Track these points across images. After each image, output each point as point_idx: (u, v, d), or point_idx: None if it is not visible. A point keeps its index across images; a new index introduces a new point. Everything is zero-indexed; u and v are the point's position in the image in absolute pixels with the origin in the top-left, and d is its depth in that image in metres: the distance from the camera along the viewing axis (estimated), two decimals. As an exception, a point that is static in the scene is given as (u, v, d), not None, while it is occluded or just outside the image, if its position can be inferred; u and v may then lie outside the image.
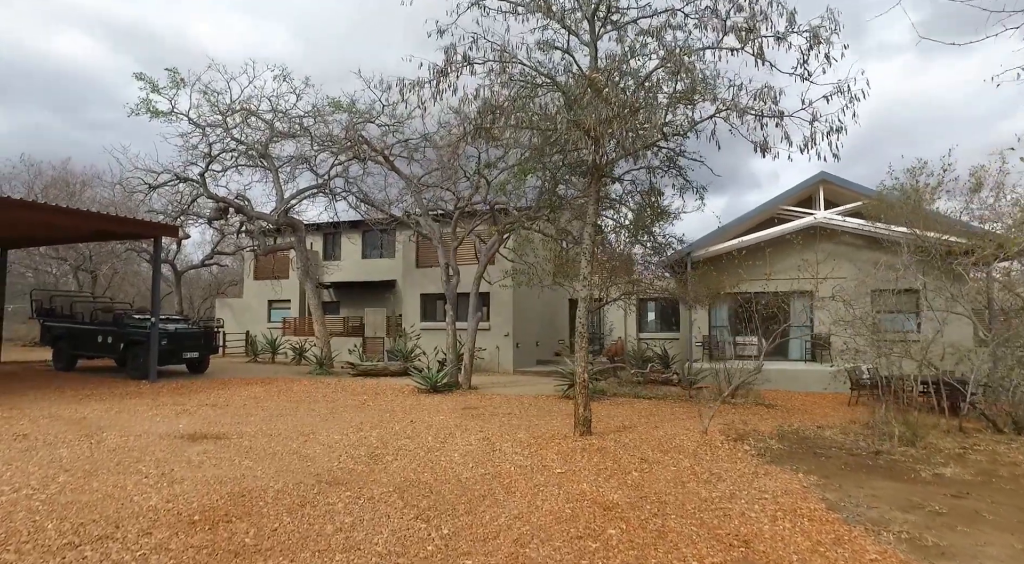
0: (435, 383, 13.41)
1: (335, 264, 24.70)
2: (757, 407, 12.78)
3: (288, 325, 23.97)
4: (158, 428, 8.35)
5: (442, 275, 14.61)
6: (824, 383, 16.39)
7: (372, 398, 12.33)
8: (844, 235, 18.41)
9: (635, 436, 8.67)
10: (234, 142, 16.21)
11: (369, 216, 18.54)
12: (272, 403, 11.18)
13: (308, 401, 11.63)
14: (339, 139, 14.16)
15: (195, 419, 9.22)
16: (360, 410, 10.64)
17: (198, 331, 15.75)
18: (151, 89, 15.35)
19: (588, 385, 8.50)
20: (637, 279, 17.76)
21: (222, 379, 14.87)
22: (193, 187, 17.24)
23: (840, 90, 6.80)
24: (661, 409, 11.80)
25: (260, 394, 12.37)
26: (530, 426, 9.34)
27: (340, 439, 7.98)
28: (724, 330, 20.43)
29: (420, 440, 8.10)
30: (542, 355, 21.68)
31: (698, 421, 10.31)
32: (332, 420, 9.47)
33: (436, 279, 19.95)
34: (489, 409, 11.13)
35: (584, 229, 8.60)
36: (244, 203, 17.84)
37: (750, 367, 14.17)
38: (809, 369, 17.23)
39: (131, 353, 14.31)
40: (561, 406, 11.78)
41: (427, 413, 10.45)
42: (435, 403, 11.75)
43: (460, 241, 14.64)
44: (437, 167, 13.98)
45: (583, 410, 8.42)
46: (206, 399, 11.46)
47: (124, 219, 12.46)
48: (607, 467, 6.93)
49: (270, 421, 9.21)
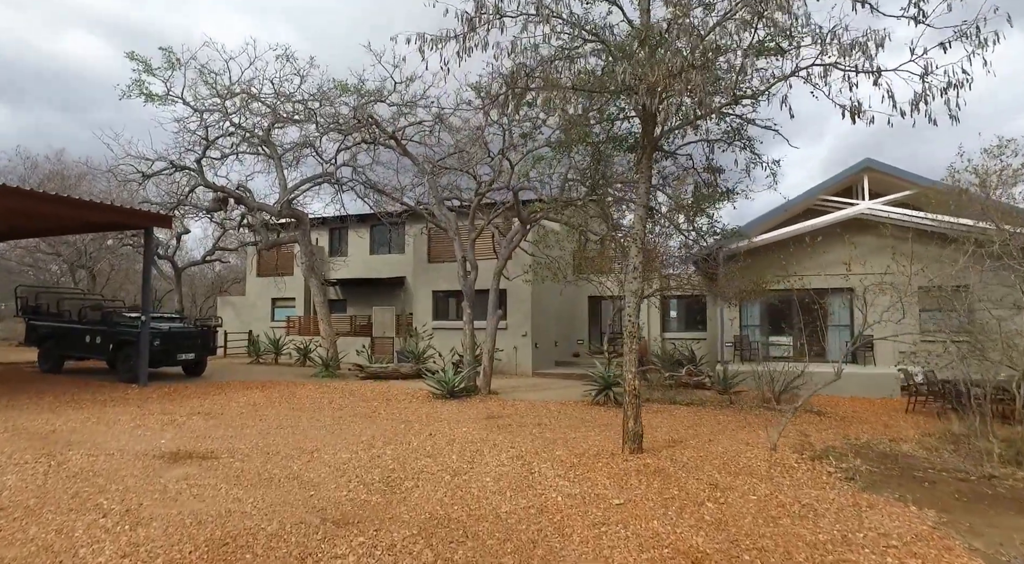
0: (452, 387, 12.19)
1: (341, 260, 23.53)
2: (807, 415, 11.48)
3: (292, 324, 22.82)
4: (136, 444, 7.15)
5: (458, 270, 13.38)
6: (869, 388, 15.03)
7: (383, 405, 11.12)
8: (887, 227, 17.07)
9: (692, 453, 7.42)
10: (233, 126, 15.01)
11: (378, 207, 17.32)
12: (272, 412, 9.98)
13: (312, 409, 10.43)
14: (347, 118, 12.92)
15: (182, 432, 8.02)
16: (371, 420, 9.42)
17: (194, 331, 14.58)
18: (144, 69, 14.19)
19: (639, 394, 7.25)
20: (672, 274, 16.50)
21: (219, 383, 13.69)
22: (190, 176, 16.08)
23: (964, 34, 5.51)
24: (704, 418, 10.54)
25: (259, 400, 11.18)
26: (567, 440, 8.10)
27: (349, 459, 6.76)
28: (756, 330, 19.13)
29: (443, 460, 6.88)
30: (560, 356, 20.43)
31: (751, 432, 9.08)
32: (339, 433, 8.26)
33: (449, 275, 18.72)
34: (515, 418, 9.89)
35: (634, 212, 7.34)
36: (245, 194, 16.67)
37: (795, 370, 12.95)
38: (851, 372, 15.85)
39: (121, 354, 13.16)
40: (594, 414, 10.54)
41: (447, 424, 9.22)
42: (454, 411, 10.53)
43: (479, 232, 13.39)
44: (454, 150, 12.71)
45: (633, 423, 7.17)
46: (199, 406, 10.27)
47: (110, 207, 11.30)
48: (674, 497, 5.68)
49: (268, 435, 8.00)
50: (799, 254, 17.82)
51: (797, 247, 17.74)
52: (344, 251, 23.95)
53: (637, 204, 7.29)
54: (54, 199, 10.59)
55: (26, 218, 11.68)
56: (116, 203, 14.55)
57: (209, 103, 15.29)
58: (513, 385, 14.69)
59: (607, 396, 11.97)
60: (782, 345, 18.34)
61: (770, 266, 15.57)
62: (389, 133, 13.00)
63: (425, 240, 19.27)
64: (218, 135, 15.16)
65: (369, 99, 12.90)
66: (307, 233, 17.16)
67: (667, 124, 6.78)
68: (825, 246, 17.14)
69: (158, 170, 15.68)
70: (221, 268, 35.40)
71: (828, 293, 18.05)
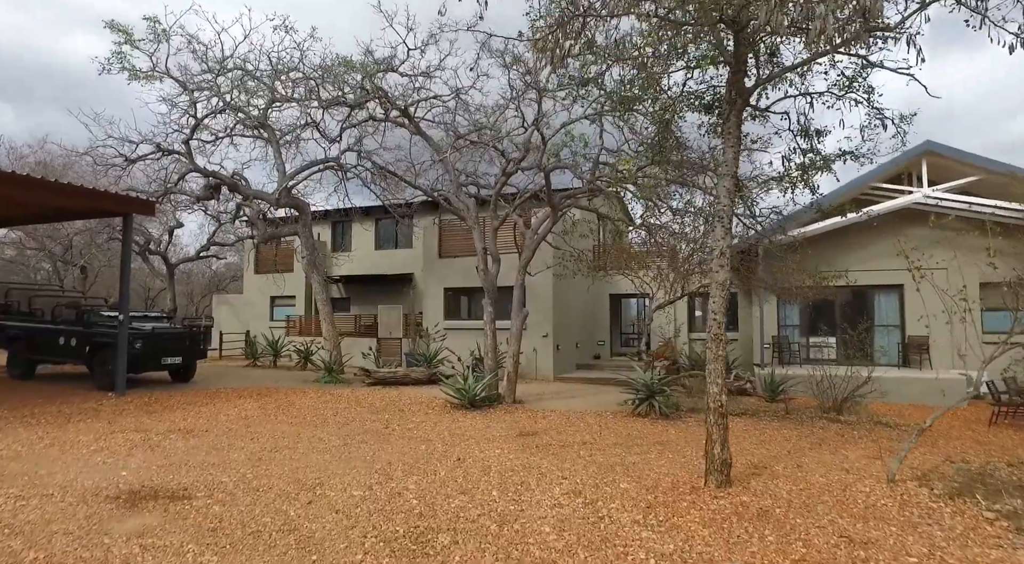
0: (473, 396, 10.68)
1: (345, 256, 22.02)
2: (876, 428, 9.94)
3: (292, 324, 21.32)
4: (89, 477, 5.63)
5: (479, 263, 11.87)
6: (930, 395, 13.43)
7: (396, 417, 9.61)
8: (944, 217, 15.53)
9: (790, 485, 5.91)
10: (224, 105, 13.45)
11: (386, 197, 15.82)
12: (266, 428, 8.47)
13: (314, 423, 8.92)
14: (354, 87, 11.33)
15: (154, 457, 6.50)
16: (384, 439, 7.90)
17: (182, 331, 13.07)
18: (125, 40, 12.69)
19: (726, 413, 5.73)
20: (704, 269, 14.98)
21: (209, 390, 12.17)
22: (179, 162, 14.58)
23: None
24: (768, 433, 9.02)
25: (253, 413, 9.67)
26: (627, 467, 6.59)
27: (362, 498, 5.25)
28: (795, 330, 17.60)
29: (482, 497, 5.37)
30: (581, 358, 18.89)
31: (836, 452, 7.56)
32: (347, 458, 6.74)
33: (462, 271, 17.22)
34: (553, 435, 8.38)
35: (718, 184, 5.83)
36: (239, 181, 15.16)
37: (861, 375, 11.45)
38: (905, 377, 14.29)
39: (98, 358, 11.66)
40: (642, 429, 9.05)
41: (475, 443, 7.70)
42: (479, 426, 9.01)
43: (502, 221, 11.87)
44: (476, 126, 11.13)
45: (720, 449, 5.65)
46: (181, 421, 8.75)
47: (83, 190, 9.79)
48: (802, 558, 4.17)
49: (260, 461, 6.48)
50: (842, 248, 16.28)
51: (840, 241, 16.19)
52: (348, 246, 22.45)
53: (722, 174, 5.78)
54: (18, 180, 9.10)
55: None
56: (97, 190, 13.01)
57: (199, 80, 13.78)
58: (536, 392, 13.16)
59: (650, 406, 10.47)
60: (824, 346, 16.84)
61: (810, 262, 14.04)
62: (401, 108, 11.47)
63: (436, 233, 17.75)
64: (208, 112, 13.63)
65: (378, 68, 11.36)
66: (308, 225, 15.66)
67: (769, 65, 5.26)
68: (871, 239, 15.65)
69: (143, 154, 14.15)
70: (219, 265, 33.93)
71: (875, 290, 16.57)
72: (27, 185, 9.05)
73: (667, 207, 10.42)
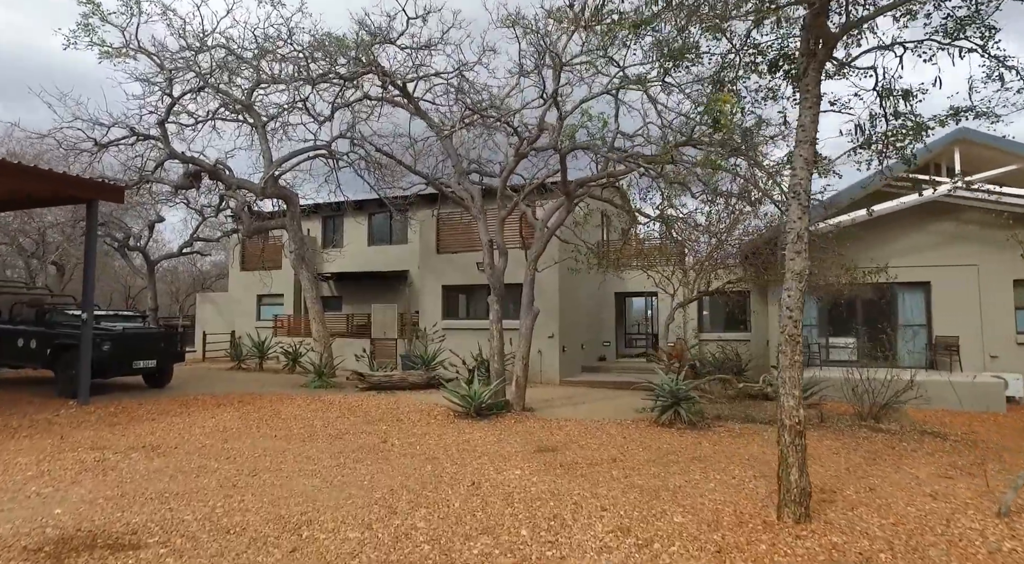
0: (479, 404, 9.62)
1: (337, 252, 20.85)
2: (924, 438, 8.96)
3: (280, 324, 20.11)
4: (9, 518, 4.48)
5: (484, 258, 10.79)
6: (966, 400, 12.49)
7: (395, 429, 8.52)
8: (972, 212, 14.68)
9: (878, 518, 4.88)
10: (203, 82, 12.22)
11: (381, 186, 14.70)
12: (246, 443, 7.35)
13: (302, 437, 7.81)
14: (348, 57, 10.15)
15: (103, 486, 5.37)
16: (382, 456, 6.81)
17: (156, 332, 11.89)
18: (93, 10, 11.48)
19: (804, 432, 4.70)
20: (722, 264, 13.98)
21: (186, 397, 11.00)
22: (157, 149, 13.36)
23: None
24: (811, 444, 7.98)
25: (232, 424, 8.54)
26: (674, 492, 5.55)
27: (360, 542, 4.16)
28: (813, 330, 16.66)
29: (509, 538, 4.30)
30: (587, 360, 17.84)
31: (899, 469, 6.56)
32: (340, 483, 5.65)
33: (462, 267, 16.14)
34: (576, 451, 7.32)
35: (793, 154, 4.80)
36: (222, 169, 13.98)
37: (901, 378, 10.50)
38: (936, 380, 13.32)
39: (61, 362, 10.47)
40: (672, 442, 8.03)
41: (489, 462, 6.63)
42: (490, 439, 7.94)
43: (511, 210, 10.78)
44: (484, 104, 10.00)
45: (798, 476, 4.62)
46: (147, 435, 7.61)
47: (38, 172, 8.61)
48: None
49: (235, 489, 5.37)
50: (862, 243, 15.31)
51: (861, 235, 15.22)
52: (340, 242, 21.28)
53: (799, 141, 4.75)
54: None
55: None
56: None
57: (177, 57, 12.57)
58: (544, 397, 12.09)
59: (675, 414, 9.44)
60: (844, 347, 15.93)
61: (826, 257, 13.08)
62: (399, 85, 10.37)
63: (434, 227, 16.63)
64: (186, 91, 12.41)
65: (374, 40, 10.23)
66: (296, 217, 14.51)
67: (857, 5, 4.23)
68: (895, 234, 14.77)
69: (116, 139, 12.93)
70: (204, 263, 32.57)
71: (899, 288, 15.66)
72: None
73: (703, 192, 9.38)
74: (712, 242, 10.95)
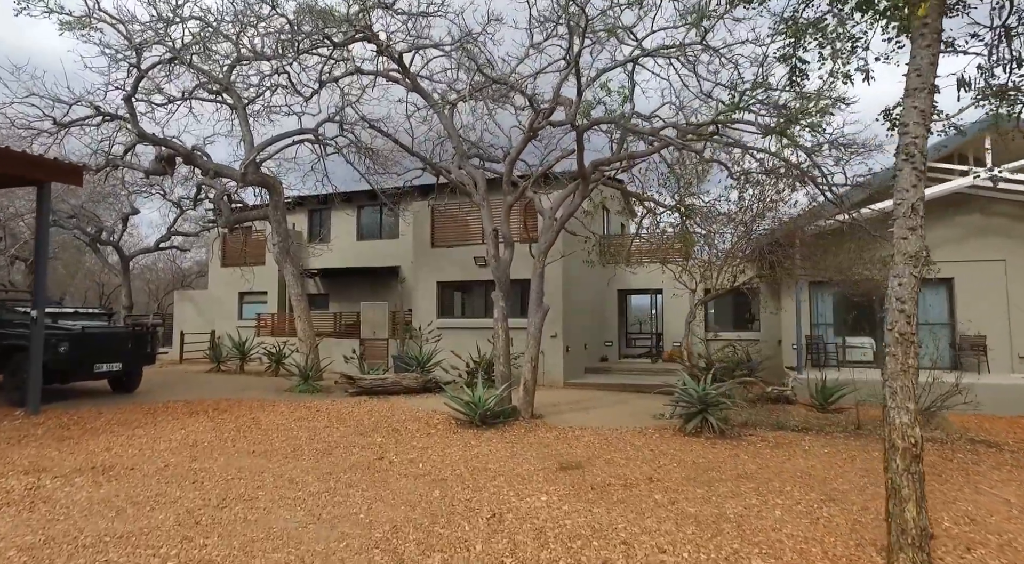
0: (485, 411, 8.59)
1: (323, 247, 19.67)
2: (977, 448, 8.10)
3: (263, 323, 18.92)
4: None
5: (488, 249, 9.77)
6: (1002, 403, 11.66)
7: (392, 441, 7.47)
8: (1000, 204, 13.93)
9: (1001, 561, 3.95)
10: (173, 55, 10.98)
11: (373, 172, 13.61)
12: (218, 462, 6.25)
13: (284, 453, 6.72)
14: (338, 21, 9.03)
15: (26, 526, 4.25)
16: (380, 478, 5.75)
17: (122, 332, 10.69)
18: (52, -28, 10.25)
19: (921, 455, 3.72)
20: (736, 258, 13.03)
21: (154, 404, 9.83)
22: (126, 131, 12.13)
23: None
24: (861, 458, 7.13)
25: (203, 438, 7.42)
26: (736, 523, 4.58)
27: (359, 611, 3.12)
28: (829, 329, 15.83)
29: (557, 602, 3.28)
30: (590, 361, 16.87)
31: (968, 486, 5.65)
32: (331, 517, 4.59)
33: (459, 262, 15.09)
34: (603, 468, 6.32)
35: (904, 102, 3.83)
36: (198, 154, 12.79)
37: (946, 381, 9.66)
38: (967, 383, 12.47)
39: (11, 365, 9.27)
40: (705, 454, 7.10)
41: (506, 484, 5.60)
42: (502, 453, 6.91)
43: (518, 195, 9.73)
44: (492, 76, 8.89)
45: (916, 511, 3.65)
46: (101, 452, 6.48)
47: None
48: None
49: (196, 527, 4.28)
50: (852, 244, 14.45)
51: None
52: (326, 236, 20.10)
53: (911, 90, 3.78)
54: None
55: None
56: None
57: (147, 28, 11.36)
58: (550, 402, 11.07)
59: (703, 422, 8.49)
60: (861, 348, 15.12)
61: (840, 252, 12.19)
62: (395, 56, 9.29)
63: (428, 218, 15.53)
64: (155, 63, 11.17)
65: (366, 4, 9.11)
66: (280, 207, 13.37)
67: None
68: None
69: (79, 118, 11.70)
70: (184, 259, 31.15)
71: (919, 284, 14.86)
72: None
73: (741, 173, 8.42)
74: (740, 231, 10.01)
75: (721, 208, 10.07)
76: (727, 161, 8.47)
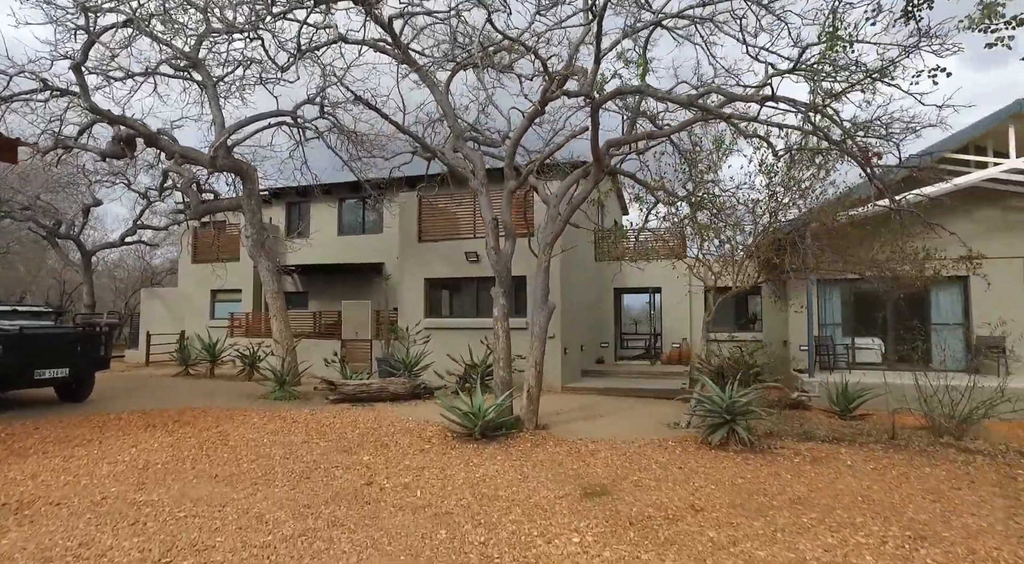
0: (486, 423, 7.55)
1: (302, 242, 18.45)
2: (1020, 458, 7.32)
3: (237, 323, 17.65)
4: None
5: (488, 240, 8.74)
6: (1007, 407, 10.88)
7: (381, 460, 6.40)
8: (1019, 198, 13.33)
9: None
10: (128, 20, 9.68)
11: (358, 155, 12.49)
12: (171, 491, 5.12)
13: (254, 477, 5.62)
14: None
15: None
16: (371, 515, 4.68)
17: (71, 333, 9.42)
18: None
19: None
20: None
21: (105, 415, 8.60)
22: (76, 107, 10.84)
23: None
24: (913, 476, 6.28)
25: (157, 457, 6.27)
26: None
27: None
28: (837, 329, 15.12)
29: None
30: (586, 364, 15.92)
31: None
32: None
33: (449, 257, 14.02)
34: (635, 494, 5.33)
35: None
36: (162, 136, 11.55)
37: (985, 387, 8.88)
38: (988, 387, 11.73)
39: (-65, 372, 8.00)
40: (743, 473, 6.18)
41: (525, 519, 4.58)
42: (511, 475, 5.88)
43: (521, 181, 8.72)
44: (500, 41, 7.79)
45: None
46: (22, 481, 5.30)
47: None
48: None
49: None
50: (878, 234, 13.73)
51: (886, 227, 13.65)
52: (306, 231, 18.88)
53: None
54: None
55: None
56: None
57: None
58: (553, 409, 10.04)
59: (730, 432, 7.58)
60: (871, 349, 14.43)
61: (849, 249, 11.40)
62: (384, 23, 8.19)
63: (416, 210, 14.43)
64: (107, 26, 9.87)
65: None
66: (255, 194, 12.18)
67: None
68: (923, 225, 13.29)
69: (22, 91, 10.38)
70: (153, 256, 29.52)
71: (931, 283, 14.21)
72: None
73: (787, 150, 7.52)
74: (765, 221, 9.10)
75: (743, 196, 9.17)
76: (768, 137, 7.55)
